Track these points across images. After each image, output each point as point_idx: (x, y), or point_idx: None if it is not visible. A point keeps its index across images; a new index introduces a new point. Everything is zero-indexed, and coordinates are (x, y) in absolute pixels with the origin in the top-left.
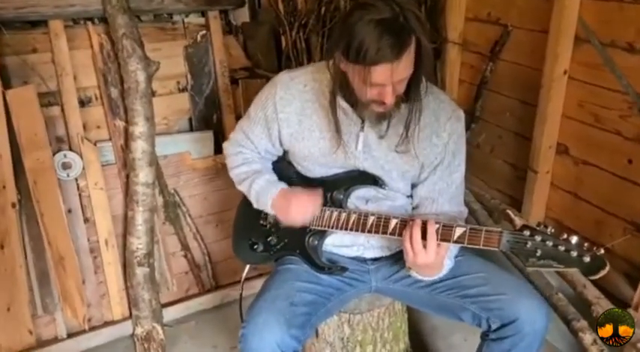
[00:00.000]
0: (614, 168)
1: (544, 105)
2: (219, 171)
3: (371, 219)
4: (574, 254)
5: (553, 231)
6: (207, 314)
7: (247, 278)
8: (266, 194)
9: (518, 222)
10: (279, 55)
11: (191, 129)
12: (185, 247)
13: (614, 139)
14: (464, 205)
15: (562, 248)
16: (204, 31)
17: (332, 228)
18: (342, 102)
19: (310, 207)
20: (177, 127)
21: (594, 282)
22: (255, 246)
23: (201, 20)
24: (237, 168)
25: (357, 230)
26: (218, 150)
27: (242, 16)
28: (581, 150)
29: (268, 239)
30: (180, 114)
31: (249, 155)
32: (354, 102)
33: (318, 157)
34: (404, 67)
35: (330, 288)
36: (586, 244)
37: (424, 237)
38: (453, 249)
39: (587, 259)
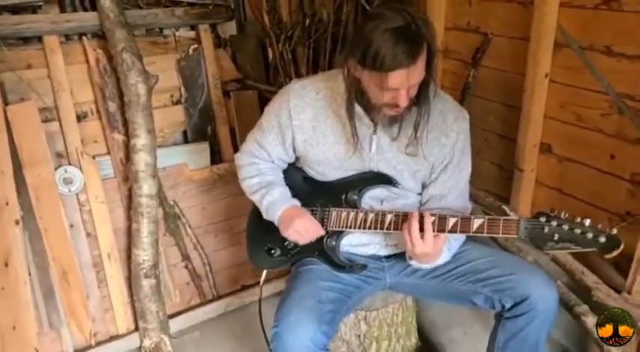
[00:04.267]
0: (597, 164)
1: (527, 107)
2: (215, 182)
3: (389, 217)
4: (590, 235)
5: (567, 215)
6: (210, 324)
7: (250, 286)
8: (278, 207)
9: (514, 217)
10: (266, 67)
11: (186, 141)
12: (186, 258)
13: (596, 137)
14: (469, 201)
15: (578, 231)
16: (195, 45)
17: (350, 227)
18: (356, 108)
19: (308, 234)
20: (172, 139)
21: (592, 269)
22: (272, 251)
23: (192, 34)
24: (251, 178)
25: (375, 228)
26: (214, 160)
27: (229, 29)
28: (565, 148)
29: (285, 243)
30: (176, 127)
31: (262, 165)
32: (367, 107)
33: (333, 161)
34: (418, 71)
35: (350, 286)
36: (599, 225)
37: (422, 229)
38: (453, 241)
39: (602, 239)
